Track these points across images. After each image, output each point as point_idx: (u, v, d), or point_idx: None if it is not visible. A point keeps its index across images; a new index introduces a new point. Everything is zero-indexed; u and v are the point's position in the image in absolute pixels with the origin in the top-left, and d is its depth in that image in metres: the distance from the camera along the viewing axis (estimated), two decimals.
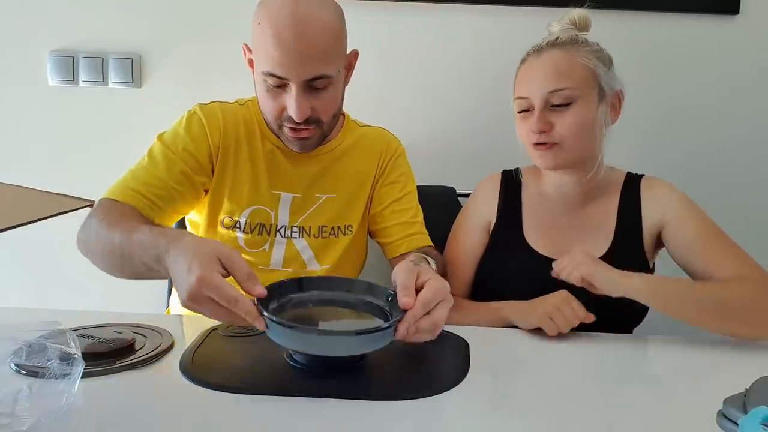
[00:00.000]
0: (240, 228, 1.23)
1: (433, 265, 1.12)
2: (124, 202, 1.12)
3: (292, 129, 1.16)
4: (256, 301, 0.82)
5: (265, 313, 0.81)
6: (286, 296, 0.93)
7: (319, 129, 1.17)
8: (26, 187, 0.87)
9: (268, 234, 1.24)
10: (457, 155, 1.70)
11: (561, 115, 1.17)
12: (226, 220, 1.23)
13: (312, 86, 1.11)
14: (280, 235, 1.25)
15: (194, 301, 0.81)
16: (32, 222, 0.73)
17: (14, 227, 0.69)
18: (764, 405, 0.67)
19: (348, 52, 1.20)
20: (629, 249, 1.22)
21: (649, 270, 1.24)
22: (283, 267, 1.25)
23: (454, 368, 0.91)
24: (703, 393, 0.86)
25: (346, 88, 1.23)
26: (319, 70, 1.09)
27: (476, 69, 1.68)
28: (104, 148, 1.71)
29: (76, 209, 0.82)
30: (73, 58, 1.68)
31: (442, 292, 0.87)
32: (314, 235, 1.26)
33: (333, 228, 1.28)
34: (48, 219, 0.75)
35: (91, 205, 0.86)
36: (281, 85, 1.11)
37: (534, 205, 1.30)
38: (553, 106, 1.17)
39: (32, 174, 1.70)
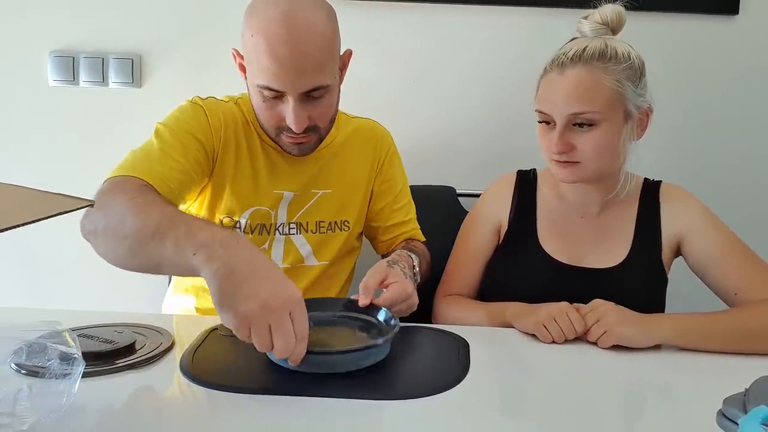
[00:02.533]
0: (240, 229, 1.22)
1: (415, 262, 1.18)
2: (140, 178, 1.03)
3: (290, 136, 1.14)
4: None
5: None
6: None
7: (316, 135, 1.17)
8: (26, 187, 0.87)
9: (268, 233, 1.24)
10: (457, 155, 1.70)
11: (583, 137, 1.11)
12: (226, 220, 1.21)
13: (309, 96, 1.09)
14: (279, 232, 1.25)
15: (267, 313, 0.78)
16: (32, 222, 0.73)
17: (14, 227, 0.69)
18: (764, 405, 0.67)
19: (342, 53, 1.18)
20: (647, 259, 1.20)
21: (665, 280, 1.22)
22: (282, 264, 1.25)
23: (454, 368, 0.91)
24: (703, 392, 0.86)
25: (341, 86, 1.22)
26: (316, 81, 1.07)
27: (478, 69, 1.68)
28: (105, 148, 1.70)
29: (76, 209, 0.82)
30: (74, 58, 1.68)
31: (400, 299, 1.00)
32: (312, 231, 1.27)
33: (330, 223, 1.28)
34: (48, 219, 0.76)
35: (91, 206, 0.86)
36: (277, 96, 1.10)
37: (549, 209, 1.27)
38: (575, 125, 1.11)
39: (32, 174, 1.70)
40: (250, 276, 0.80)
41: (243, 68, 1.15)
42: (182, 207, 1.19)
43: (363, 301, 0.99)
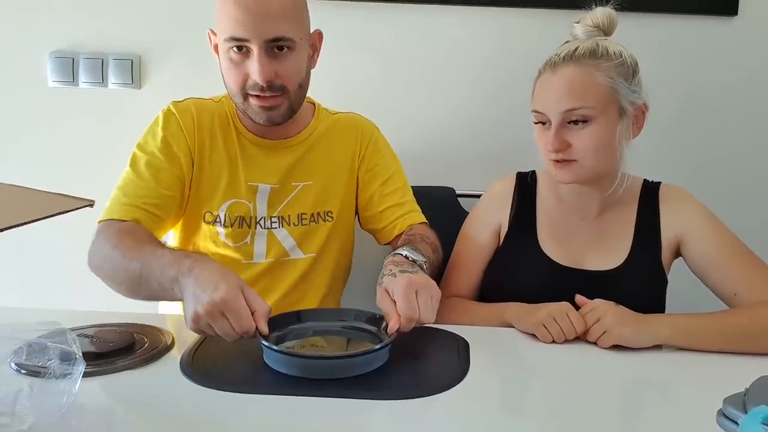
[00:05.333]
0: (220, 222, 1.24)
1: (406, 252, 1.09)
2: (127, 219, 1.14)
3: (257, 97, 1.15)
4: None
5: (264, 342, 0.88)
6: (286, 327, 0.98)
7: (285, 98, 1.17)
8: (26, 187, 0.87)
9: (249, 226, 1.25)
10: (457, 156, 1.70)
11: (578, 134, 1.13)
12: (207, 216, 1.24)
13: (274, 50, 1.13)
14: (260, 226, 1.26)
15: (210, 316, 0.86)
16: (32, 222, 0.73)
17: (14, 227, 0.69)
18: (764, 404, 0.67)
19: (312, 32, 1.23)
20: (647, 260, 1.20)
21: (665, 281, 1.22)
22: (267, 258, 1.27)
23: (454, 368, 0.91)
24: (703, 392, 0.86)
25: (314, 69, 1.25)
26: (279, 30, 1.11)
27: (477, 69, 1.68)
28: (104, 149, 1.70)
29: (76, 209, 0.82)
30: (73, 59, 1.68)
31: (411, 290, 0.92)
32: (294, 224, 1.27)
33: (313, 215, 1.29)
34: (48, 219, 0.76)
35: (90, 205, 0.86)
36: (243, 51, 1.13)
37: (549, 211, 1.27)
38: (570, 122, 1.13)
39: (32, 174, 1.69)
40: (196, 288, 0.89)
41: (217, 49, 1.20)
42: (179, 214, 1.26)
43: (392, 324, 0.91)
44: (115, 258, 1.04)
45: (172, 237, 1.33)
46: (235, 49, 1.13)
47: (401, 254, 1.09)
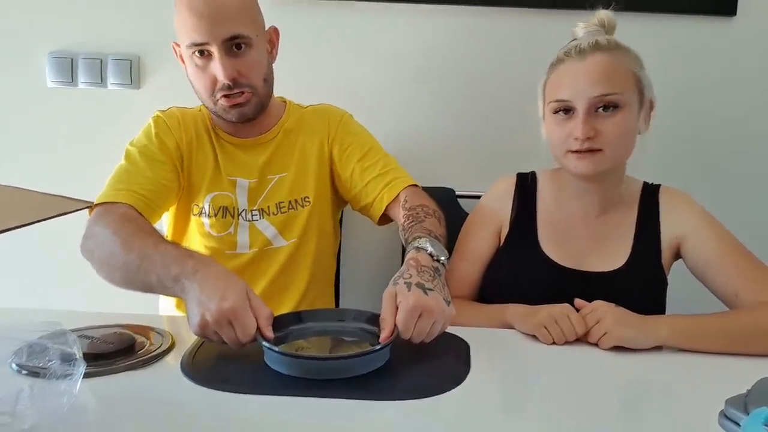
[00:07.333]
0: (205, 213, 1.29)
1: (438, 250, 1.05)
2: (121, 202, 1.15)
3: (226, 97, 1.21)
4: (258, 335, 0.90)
5: (265, 344, 0.88)
6: (287, 328, 0.98)
7: (252, 94, 1.23)
8: (26, 189, 0.87)
9: (232, 217, 1.30)
10: (456, 156, 1.70)
11: (607, 121, 1.12)
12: (195, 208, 1.30)
13: (232, 49, 1.19)
14: (243, 218, 1.30)
15: (217, 325, 0.87)
16: (32, 223, 0.73)
17: (14, 228, 0.69)
18: (766, 406, 0.67)
19: (267, 28, 1.29)
20: (647, 262, 1.20)
21: (665, 283, 1.22)
22: (251, 249, 1.30)
23: (454, 369, 0.91)
24: (705, 393, 0.86)
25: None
26: (233, 29, 1.17)
27: (477, 70, 1.68)
28: (103, 150, 1.70)
29: (75, 210, 0.82)
30: (72, 59, 1.68)
31: (415, 312, 0.90)
32: (273, 213, 1.31)
33: (290, 202, 1.32)
34: (47, 220, 0.76)
35: (89, 206, 0.86)
36: (205, 54, 1.19)
37: (549, 212, 1.27)
38: (598, 109, 1.12)
39: (31, 176, 1.69)
40: (202, 295, 0.89)
41: (183, 59, 1.25)
42: (169, 206, 1.31)
43: (384, 336, 0.90)
44: (114, 244, 1.05)
45: (165, 231, 1.35)
46: (197, 54, 1.19)
47: (425, 250, 1.03)
